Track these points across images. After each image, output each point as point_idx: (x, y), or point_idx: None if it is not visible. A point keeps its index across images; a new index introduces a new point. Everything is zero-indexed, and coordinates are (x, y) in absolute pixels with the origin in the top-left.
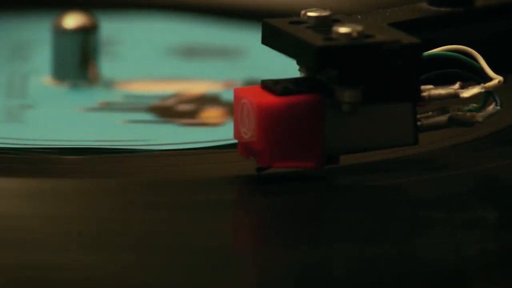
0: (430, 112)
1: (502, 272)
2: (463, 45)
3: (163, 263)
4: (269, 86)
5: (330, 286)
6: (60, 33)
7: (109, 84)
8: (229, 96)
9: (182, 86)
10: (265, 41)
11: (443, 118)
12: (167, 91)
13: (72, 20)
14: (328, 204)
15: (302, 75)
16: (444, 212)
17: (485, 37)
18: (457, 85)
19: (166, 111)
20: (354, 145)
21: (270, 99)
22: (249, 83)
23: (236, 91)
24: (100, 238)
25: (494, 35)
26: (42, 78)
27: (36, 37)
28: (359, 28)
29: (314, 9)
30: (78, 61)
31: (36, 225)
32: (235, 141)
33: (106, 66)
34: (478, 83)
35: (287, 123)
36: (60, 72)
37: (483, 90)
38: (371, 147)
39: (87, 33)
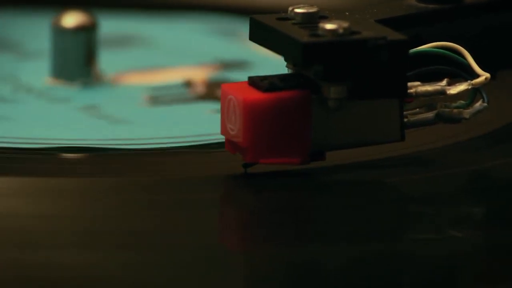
0: (417, 109)
1: (495, 269)
2: (451, 42)
3: (162, 262)
4: (256, 82)
5: (322, 284)
6: (62, 32)
7: (109, 80)
8: (236, 77)
9: (174, 74)
10: (253, 37)
11: (430, 114)
12: (172, 80)
13: (73, 19)
14: (318, 202)
15: (290, 71)
16: (435, 209)
17: (473, 34)
18: (444, 82)
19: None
20: (340, 142)
21: (256, 95)
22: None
23: (223, 87)
24: (99, 237)
25: (482, 32)
26: (43, 78)
27: (31, 37)
28: (345, 24)
29: (302, 5)
30: (83, 60)
31: (35, 224)
32: None
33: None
34: (466, 80)
35: (273, 119)
36: (63, 72)
37: (470, 87)
38: (358, 144)
39: (89, 31)
